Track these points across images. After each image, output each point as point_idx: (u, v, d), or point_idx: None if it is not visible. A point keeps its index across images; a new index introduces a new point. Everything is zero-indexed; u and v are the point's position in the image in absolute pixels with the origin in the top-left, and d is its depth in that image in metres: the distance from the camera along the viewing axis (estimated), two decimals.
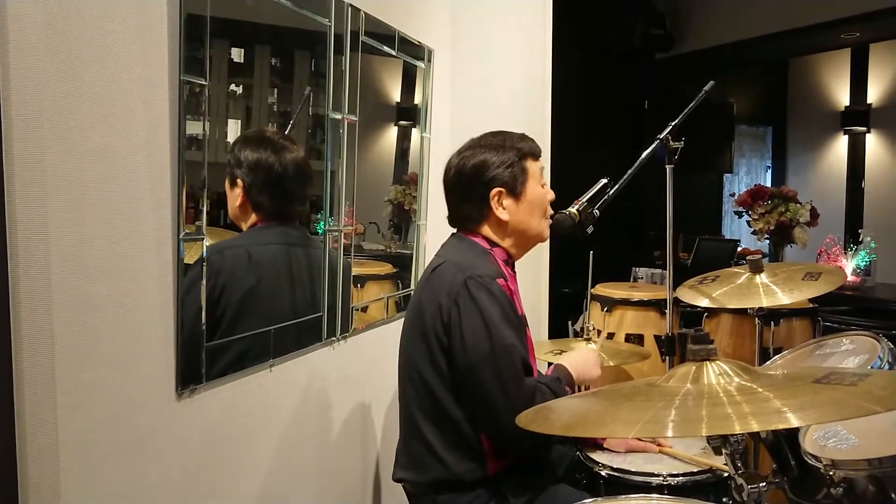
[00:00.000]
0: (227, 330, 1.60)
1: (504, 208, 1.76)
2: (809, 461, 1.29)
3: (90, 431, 1.24)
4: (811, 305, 2.90)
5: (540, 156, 1.84)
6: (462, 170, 1.77)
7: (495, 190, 1.75)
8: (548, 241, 1.93)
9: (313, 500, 1.98)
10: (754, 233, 4.20)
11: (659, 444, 1.90)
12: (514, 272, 1.84)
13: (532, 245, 1.87)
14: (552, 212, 1.87)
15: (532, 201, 1.79)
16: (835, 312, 3.62)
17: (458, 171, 1.78)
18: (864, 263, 4.16)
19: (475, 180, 1.76)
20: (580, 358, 1.85)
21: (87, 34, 1.20)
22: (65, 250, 1.17)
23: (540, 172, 1.83)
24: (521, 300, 1.81)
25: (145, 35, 1.33)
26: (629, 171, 2.07)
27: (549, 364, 1.92)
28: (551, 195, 1.85)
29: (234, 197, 1.72)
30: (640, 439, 1.91)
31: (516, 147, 1.78)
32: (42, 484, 1.13)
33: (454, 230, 1.86)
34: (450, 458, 1.68)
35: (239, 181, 1.71)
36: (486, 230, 1.79)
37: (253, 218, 1.75)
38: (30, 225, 1.10)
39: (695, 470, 1.76)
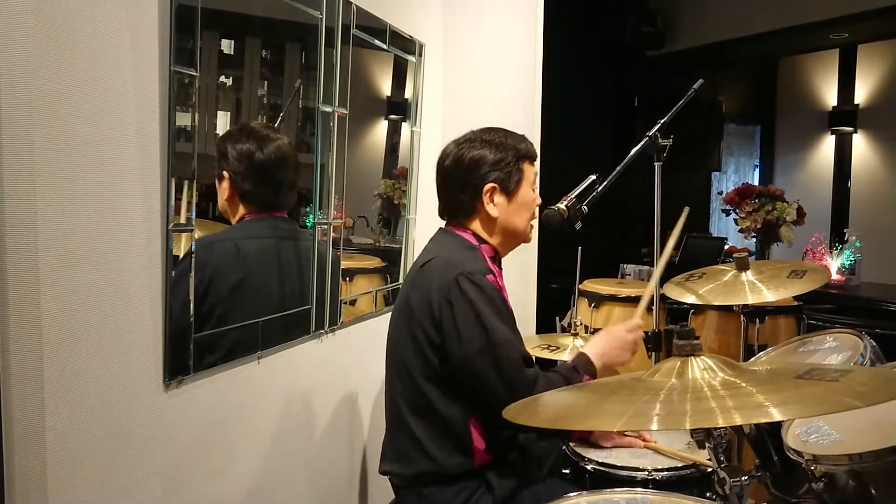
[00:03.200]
0: (215, 322, 1.60)
1: (494, 205, 1.77)
2: (791, 456, 1.31)
3: (77, 421, 1.24)
4: (796, 303, 2.93)
5: (536, 160, 1.86)
6: (460, 159, 1.78)
7: (489, 185, 1.76)
8: (536, 236, 1.95)
9: (300, 493, 1.98)
10: (741, 231, 4.23)
11: (644, 440, 1.92)
12: (501, 269, 1.85)
13: (516, 245, 1.88)
14: (537, 217, 1.88)
15: (522, 203, 1.81)
16: (819, 310, 3.65)
17: (455, 160, 1.79)
18: (848, 262, 4.19)
19: (471, 172, 1.76)
20: (605, 343, 1.81)
21: (78, 23, 1.20)
22: (53, 239, 1.17)
23: (534, 177, 1.84)
24: (508, 297, 1.81)
25: (136, 25, 1.32)
26: (618, 168, 2.09)
27: (537, 360, 1.92)
28: (538, 200, 1.87)
29: (223, 191, 1.72)
30: (625, 435, 1.92)
31: (516, 147, 1.79)
32: (29, 473, 1.13)
33: (442, 224, 1.87)
34: (436, 451, 1.68)
35: (225, 174, 1.71)
36: (475, 225, 1.80)
37: (241, 211, 1.75)
38: (18, 214, 1.10)
39: (679, 465, 1.77)
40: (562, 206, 1.91)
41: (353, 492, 2.31)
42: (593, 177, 2.01)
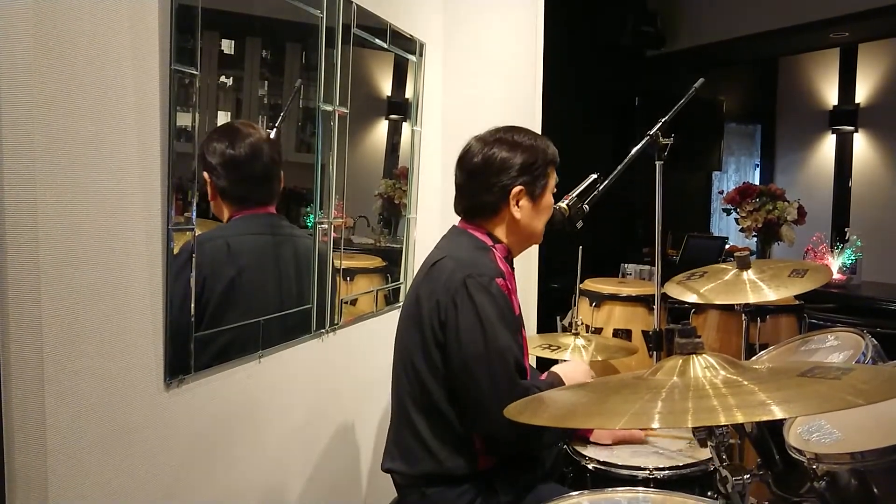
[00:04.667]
0: (215, 321, 1.60)
1: (520, 208, 1.75)
2: (793, 455, 1.31)
3: (78, 421, 1.24)
4: (797, 302, 2.92)
5: (558, 164, 1.84)
6: (490, 160, 1.74)
7: (517, 188, 1.74)
8: None
9: (302, 491, 1.98)
10: (742, 230, 4.23)
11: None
12: (513, 269, 1.84)
13: (528, 247, 1.89)
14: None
15: (544, 208, 1.80)
16: (820, 309, 3.65)
17: (485, 159, 1.74)
18: (849, 261, 4.19)
19: (501, 174, 1.73)
20: (572, 372, 1.85)
21: (78, 22, 1.20)
22: (53, 239, 1.17)
23: (554, 183, 1.83)
24: (518, 298, 1.81)
25: (137, 24, 1.32)
26: (619, 167, 2.09)
27: (538, 360, 1.92)
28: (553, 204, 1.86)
29: (208, 191, 1.71)
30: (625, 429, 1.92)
31: (545, 152, 1.77)
32: (30, 473, 1.13)
33: (456, 221, 1.84)
34: (441, 451, 1.68)
35: (205, 174, 1.68)
36: (494, 225, 1.78)
37: (226, 209, 1.74)
38: (18, 213, 1.09)
39: (681, 463, 1.77)
40: (563, 204, 1.91)
41: (355, 490, 2.31)
42: (594, 176, 2.01)
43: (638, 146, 2.14)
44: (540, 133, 1.85)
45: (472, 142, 1.79)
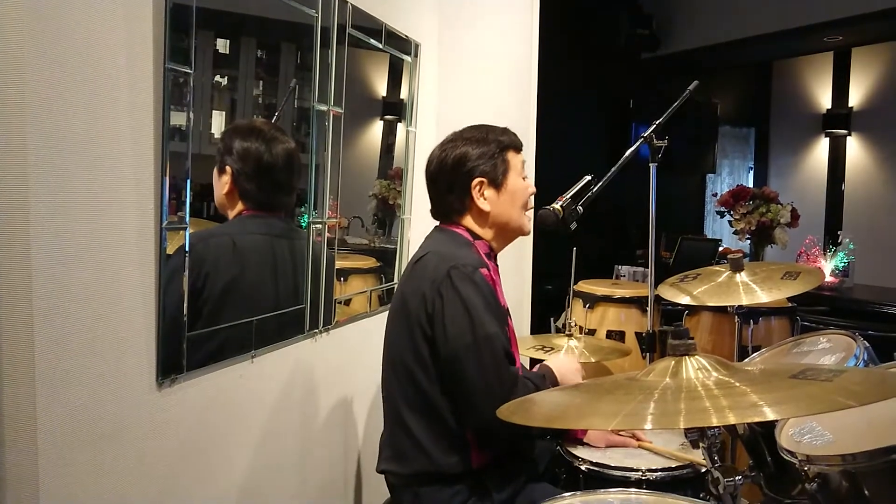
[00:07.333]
0: (209, 320, 1.59)
1: (485, 199, 1.78)
2: (785, 457, 1.32)
3: (69, 420, 1.23)
4: (790, 305, 2.93)
5: (521, 149, 1.86)
6: (444, 161, 1.80)
7: (477, 180, 1.77)
8: (531, 236, 1.95)
9: (295, 492, 1.98)
10: (736, 233, 4.24)
11: (638, 439, 1.92)
12: (497, 265, 1.85)
13: (513, 237, 1.88)
14: (532, 205, 1.88)
15: (513, 193, 1.81)
16: (813, 312, 3.66)
17: (440, 162, 1.81)
18: (842, 264, 4.21)
19: (457, 171, 1.78)
20: (566, 364, 1.88)
21: (73, 20, 1.20)
22: (46, 237, 1.16)
23: (521, 165, 1.84)
24: (503, 292, 1.81)
25: (131, 23, 1.32)
26: (613, 169, 2.09)
27: (532, 361, 1.93)
28: (532, 188, 1.87)
29: (222, 184, 1.71)
30: (619, 434, 1.92)
31: (497, 139, 1.81)
32: (21, 473, 1.13)
33: (437, 223, 1.87)
34: (434, 450, 1.68)
35: (227, 168, 1.70)
36: (468, 221, 1.81)
37: (239, 206, 1.75)
38: (10, 211, 1.09)
39: (673, 465, 1.77)
40: (557, 206, 1.91)
41: (348, 491, 2.31)
42: (588, 177, 2.01)
43: (632, 148, 2.14)
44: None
45: (433, 150, 1.85)
